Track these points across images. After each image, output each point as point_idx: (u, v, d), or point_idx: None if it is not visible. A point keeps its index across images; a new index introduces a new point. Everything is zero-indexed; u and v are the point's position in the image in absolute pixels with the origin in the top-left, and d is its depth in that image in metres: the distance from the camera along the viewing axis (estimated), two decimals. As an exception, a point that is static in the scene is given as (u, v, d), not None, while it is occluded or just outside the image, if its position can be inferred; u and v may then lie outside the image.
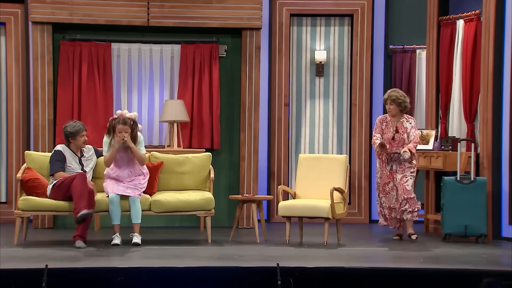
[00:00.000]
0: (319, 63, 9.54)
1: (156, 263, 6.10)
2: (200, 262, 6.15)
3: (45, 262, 5.69)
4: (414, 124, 7.76)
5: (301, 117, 9.62)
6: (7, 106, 9.27)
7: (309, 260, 6.42)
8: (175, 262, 6.15)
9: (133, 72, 9.28)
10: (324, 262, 6.29)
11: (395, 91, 7.82)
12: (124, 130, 7.29)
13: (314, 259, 6.50)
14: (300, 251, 6.93)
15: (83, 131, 7.33)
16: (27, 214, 7.21)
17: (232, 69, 9.39)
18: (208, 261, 6.26)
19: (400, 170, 7.73)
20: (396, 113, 7.75)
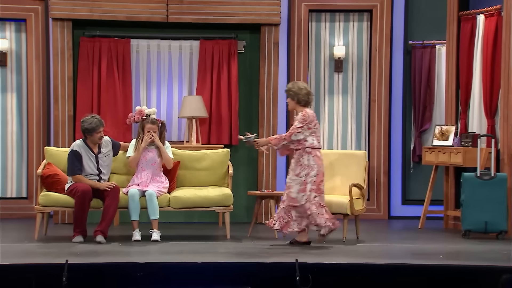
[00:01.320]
0: (338, 59, 9.51)
1: (175, 258, 6.12)
2: (219, 258, 6.16)
3: (66, 257, 5.73)
4: (299, 117, 6.98)
5: (320, 113, 9.59)
6: (27, 102, 9.34)
7: (328, 256, 6.41)
8: (193, 257, 6.17)
9: (152, 68, 9.30)
10: (342, 258, 6.28)
11: (291, 83, 7.22)
12: (153, 129, 7.42)
13: (332, 255, 6.49)
14: (318, 247, 6.92)
15: (100, 128, 7.32)
16: (48, 209, 7.27)
17: (251, 65, 9.38)
18: (226, 257, 6.27)
19: (292, 170, 7.05)
20: (293, 107, 7.10)
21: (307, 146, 6.99)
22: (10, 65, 9.33)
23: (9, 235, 7.75)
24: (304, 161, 6.99)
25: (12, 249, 6.60)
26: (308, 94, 7.12)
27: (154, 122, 7.50)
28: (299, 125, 6.99)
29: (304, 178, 6.97)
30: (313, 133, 7.03)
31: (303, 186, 6.96)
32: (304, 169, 6.98)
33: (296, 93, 7.08)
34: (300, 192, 6.96)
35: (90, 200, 7.12)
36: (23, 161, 9.39)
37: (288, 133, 7.05)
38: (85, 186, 7.09)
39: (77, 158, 7.26)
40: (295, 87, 7.13)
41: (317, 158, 7.02)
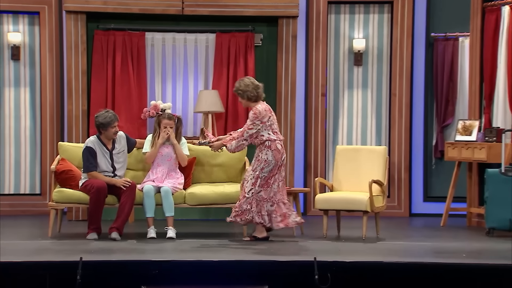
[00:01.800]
0: (358, 52, 9.48)
1: (191, 256, 6.14)
2: (236, 256, 6.17)
3: (80, 254, 5.77)
4: (250, 115, 7.05)
5: (339, 108, 9.57)
6: (41, 97, 9.40)
7: (347, 254, 6.40)
8: (210, 255, 6.19)
9: (167, 61, 9.33)
10: (362, 256, 6.27)
11: (237, 82, 7.23)
12: (169, 125, 7.46)
13: (352, 253, 6.48)
14: (337, 245, 6.92)
15: (114, 122, 7.34)
16: (61, 206, 7.32)
17: (268, 59, 9.38)
18: (243, 254, 6.28)
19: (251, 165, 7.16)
20: (246, 104, 7.21)
21: (265, 139, 7.10)
22: (23, 59, 9.39)
23: (22, 232, 7.81)
24: (263, 155, 7.09)
25: (26, 246, 6.66)
26: (256, 88, 7.19)
27: (171, 118, 7.53)
28: (249, 123, 7.11)
29: (258, 172, 7.06)
30: (268, 127, 7.13)
31: (254, 180, 7.06)
32: (260, 164, 7.07)
33: (244, 91, 7.16)
34: (252, 186, 7.05)
35: (105, 196, 7.16)
36: (36, 156, 9.45)
37: (240, 132, 7.16)
38: (100, 182, 7.13)
39: (92, 155, 7.28)
40: (242, 84, 7.19)
41: (277, 151, 7.09)
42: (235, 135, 7.20)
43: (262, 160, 7.08)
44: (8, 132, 9.37)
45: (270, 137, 7.11)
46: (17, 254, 6.12)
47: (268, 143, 7.10)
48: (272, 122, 7.16)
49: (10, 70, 9.37)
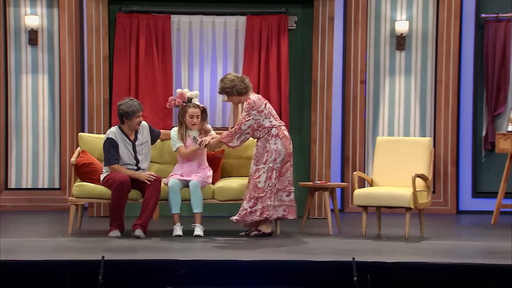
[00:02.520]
0: (400, 35, 9.42)
1: (219, 255, 6.17)
2: (267, 255, 6.19)
3: (102, 253, 5.82)
4: (244, 106, 7.21)
5: (379, 95, 9.53)
6: (60, 84, 9.49)
7: (388, 254, 6.38)
8: (240, 254, 6.20)
9: (194, 46, 9.35)
10: (405, 256, 6.24)
11: (221, 81, 7.34)
12: (196, 114, 7.43)
13: (393, 253, 6.45)
14: (378, 244, 6.90)
15: (139, 112, 7.36)
16: (82, 201, 7.39)
17: (303, 43, 9.35)
18: (276, 254, 6.29)
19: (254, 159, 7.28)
20: (238, 101, 7.33)
21: (270, 128, 7.20)
22: (41, 44, 9.49)
23: (41, 229, 7.91)
24: (272, 145, 7.20)
25: (44, 244, 6.74)
26: (242, 80, 7.31)
27: (196, 106, 7.52)
28: (244, 114, 7.20)
29: (272, 164, 7.16)
30: (268, 116, 7.24)
31: (270, 173, 7.16)
32: (271, 155, 7.17)
33: (232, 86, 7.28)
34: (268, 180, 7.15)
35: (128, 191, 7.20)
36: (55, 148, 9.55)
37: (237, 126, 7.23)
38: (123, 176, 7.17)
39: (113, 147, 7.32)
40: (226, 82, 7.29)
41: (285, 138, 7.26)
42: (231, 130, 7.27)
43: (272, 150, 7.20)
44: (25, 122, 9.48)
45: (273, 123, 7.25)
46: (35, 253, 6.20)
47: (274, 131, 7.22)
48: (271, 109, 7.31)
49: (28, 56, 9.47)
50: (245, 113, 7.22)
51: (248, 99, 7.26)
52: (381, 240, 7.16)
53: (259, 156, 7.26)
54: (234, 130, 7.24)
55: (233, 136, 7.23)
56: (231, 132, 7.27)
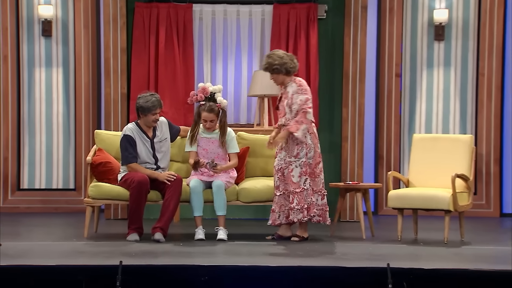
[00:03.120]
0: (439, 25, 9.37)
1: (245, 261, 6.16)
2: (296, 261, 6.18)
3: (119, 258, 5.84)
4: (297, 88, 7.14)
5: (416, 90, 9.48)
6: (75, 78, 9.54)
7: (426, 260, 6.35)
8: (266, 260, 6.20)
9: (217, 37, 9.36)
10: (444, 263, 6.21)
11: (268, 57, 7.22)
12: (210, 118, 7.37)
13: (431, 259, 6.42)
14: (414, 250, 6.87)
15: (156, 109, 7.34)
16: (98, 202, 7.41)
17: (333, 33, 9.33)
18: (305, 259, 6.28)
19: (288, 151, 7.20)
20: (282, 80, 7.22)
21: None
22: (56, 35, 9.54)
23: (55, 232, 7.96)
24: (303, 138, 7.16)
25: (59, 248, 6.78)
26: (292, 58, 7.26)
27: (212, 110, 7.38)
28: (303, 98, 7.10)
29: (305, 159, 7.13)
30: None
31: (304, 168, 7.12)
32: (302, 148, 7.15)
33: (282, 64, 7.18)
34: (302, 175, 7.12)
35: (148, 192, 7.21)
36: (70, 146, 9.60)
37: (300, 115, 7.09)
38: (142, 176, 7.19)
39: (131, 144, 7.34)
40: (275, 58, 7.19)
41: (314, 135, 7.25)
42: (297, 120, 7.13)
43: (303, 144, 7.16)
44: (38, 118, 9.54)
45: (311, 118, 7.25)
46: (49, 257, 6.23)
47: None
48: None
49: (41, 48, 9.53)
50: (303, 98, 7.11)
51: (298, 80, 7.21)
52: (418, 245, 7.13)
53: (288, 149, 7.23)
54: (300, 119, 7.10)
55: (300, 126, 7.10)
56: (297, 121, 7.11)
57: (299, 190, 7.15)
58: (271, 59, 7.20)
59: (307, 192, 7.17)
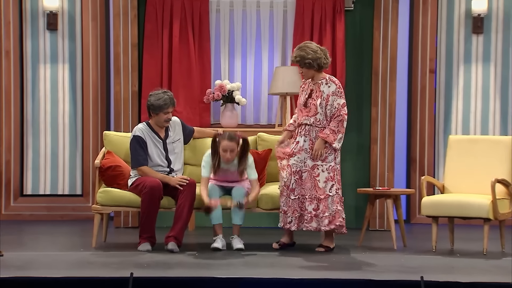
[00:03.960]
0: (478, 16, 9.34)
1: (265, 273, 6.16)
2: (321, 273, 6.17)
3: (130, 269, 5.85)
4: (335, 89, 7.16)
5: (452, 87, 9.45)
6: (82, 76, 9.58)
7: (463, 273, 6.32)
8: (288, 272, 6.19)
9: (235, 31, 9.37)
10: (483, 275, 6.17)
11: (301, 49, 7.18)
12: (230, 148, 7.17)
13: (469, 271, 6.39)
14: (450, 261, 6.84)
15: (169, 108, 7.35)
16: (107, 209, 7.43)
17: (362, 26, 9.32)
18: (330, 271, 6.27)
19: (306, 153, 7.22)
20: (312, 75, 7.22)
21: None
22: (62, 29, 9.58)
23: (60, 241, 7.99)
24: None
25: (65, 258, 6.80)
26: (326, 53, 7.26)
27: (232, 138, 7.18)
28: (340, 102, 7.16)
29: (333, 164, 7.17)
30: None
31: (332, 173, 7.15)
32: (331, 152, 7.19)
33: (315, 58, 7.16)
34: (329, 181, 7.13)
35: (161, 198, 7.22)
36: (77, 149, 9.64)
37: (337, 123, 7.14)
38: (154, 180, 7.19)
39: (141, 146, 7.35)
40: (309, 52, 7.17)
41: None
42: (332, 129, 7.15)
43: (332, 148, 7.17)
44: (43, 118, 9.59)
45: None
46: (54, 268, 6.25)
47: None
48: None
49: (46, 43, 9.58)
50: (340, 100, 7.16)
51: (334, 79, 7.25)
52: (454, 256, 7.10)
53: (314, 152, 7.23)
54: (337, 128, 7.14)
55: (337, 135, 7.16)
56: (333, 130, 7.15)
57: (323, 197, 7.14)
58: (304, 52, 7.19)
59: (332, 199, 7.16)
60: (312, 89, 7.26)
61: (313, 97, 7.24)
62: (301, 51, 7.19)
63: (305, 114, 7.27)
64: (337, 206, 7.17)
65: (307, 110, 7.26)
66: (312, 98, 7.24)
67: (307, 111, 7.26)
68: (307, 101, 7.26)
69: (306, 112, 7.26)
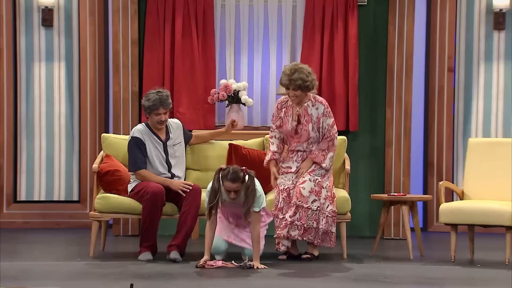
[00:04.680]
0: (499, 11, 9.33)
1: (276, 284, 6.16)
2: (333, 284, 6.16)
3: (130, 280, 5.86)
4: (324, 110, 7.22)
5: (472, 87, 9.44)
6: (79, 75, 9.59)
7: (484, 284, 6.32)
8: (300, 283, 6.20)
9: (242, 27, 9.37)
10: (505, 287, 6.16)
11: (298, 71, 7.14)
12: (233, 189, 6.79)
13: (490, 283, 6.38)
14: (470, 272, 6.83)
15: (159, 108, 7.32)
16: (106, 217, 7.44)
17: (376, 22, 9.32)
18: (343, 282, 6.27)
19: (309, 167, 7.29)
20: (303, 98, 7.23)
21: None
22: (58, 25, 9.60)
23: (56, 250, 8.00)
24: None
25: (61, 268, 6.81)
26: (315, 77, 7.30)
27: (236, 179, 6.73)
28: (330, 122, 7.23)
29: (319, 179, 7.19)
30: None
31: (318, 188, 7.16)
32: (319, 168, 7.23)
33: (312, 80, 7.20)
34: (312, 194, 7.13)
35: (163, 204, 7.23)
36: (74, 152, 9.65)
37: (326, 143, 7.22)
38: (157, 186, 7.20)
39: (139, 148, 7.34)
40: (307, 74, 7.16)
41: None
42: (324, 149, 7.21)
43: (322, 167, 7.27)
44: (38, 120, 9.60)
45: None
46: (50, 279, 6.27)
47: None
48: None
49: (41, 40, 9.60)
50: (330, 121, 7.24)
51: (321, 99, 7.29)
52: (474, 267, 7.09)
53: None
54: (328, 147, 7.22)
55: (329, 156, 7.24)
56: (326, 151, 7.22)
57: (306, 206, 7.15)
58: (304, 74, 7.19)
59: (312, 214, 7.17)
60: (299, 114, 7.25)
61: (302, 122, 7.26)
62: (300, 74, 7.18)
63: (296, 141, 7.31)
64: (313, 223, 7.16)
65: (298, 137, 7.30)
66: (302, 124, 7.26)
67: (298, 137, 7.30)
68: (297, 128, 7.28)
69: (298, 138, 7.30)
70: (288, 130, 7.31)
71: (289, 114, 7.33)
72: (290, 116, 7.31)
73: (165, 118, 7.41)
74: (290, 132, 7.31)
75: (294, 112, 7.29)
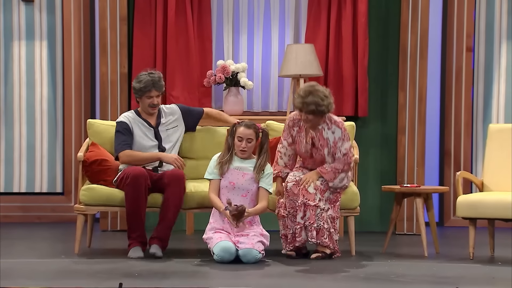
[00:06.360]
0: (522, -14, 9.35)
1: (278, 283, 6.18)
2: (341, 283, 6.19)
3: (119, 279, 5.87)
4: (341, 134, 7.14)
5: (493, 68, 9.45)
6: (63, 55, 9.60)
7: (505, 284, 6.33)
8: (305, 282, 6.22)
9: (241, 4, 9.38)
10: (527, 287, 6.19)
11: (313, 94, 7.01)
12: (246, 136, 7.08)
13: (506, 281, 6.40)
14: (490, 270, 6.85)
15: (151, 91, 7.34)
16: (92, 210, 7.45)
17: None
18: (351, 281, 6.29)
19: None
20: (318, 121, 7.13)
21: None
22: (39, 1, 9.60)
23: (39, 247, 8.02)
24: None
25: (44, 266, 6.83)
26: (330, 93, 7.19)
27: (251, 126, 7.11)
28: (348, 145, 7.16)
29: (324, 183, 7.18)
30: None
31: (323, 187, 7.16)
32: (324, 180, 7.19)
33: (328, 104, 7.09)
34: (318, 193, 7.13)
35: (148, 187, 7.16)
36: (57, 140, 9.67)
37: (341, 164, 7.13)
38: (138, 168, 7.15)
39: (124, 133, 7.32)
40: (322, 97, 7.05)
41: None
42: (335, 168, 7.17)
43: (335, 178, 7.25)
44: (17, 105, 9.61)
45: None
46: (32, 278, 6.28)
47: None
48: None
49: (21, 17, 9.60)
50: (347, 145, 7.16)
51: (340, 121, 7.18)
52: (494, 265, 7.11)
53: None
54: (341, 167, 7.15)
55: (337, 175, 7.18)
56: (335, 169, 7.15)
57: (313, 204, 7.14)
58: (319, 98, 7.05)
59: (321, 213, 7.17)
60: (313, 137, 7.19)
61: (317, 146, 7.19)
62: (314, 97, 7.05)
63: (311, 163, 7.29)
64: (323, 224, 7.16)
65: (313, 160, 7.26)
66: (316, 148, 7.20)
67: (313, 160, 7.26)
68: (312, 151, 7.23)
69: (312, 160, 7.27)
70: (302, 152, 7.27)
71: (302, 135, 7.25)
72: (304, 138, 7.24)
73: (158, 102, 7.41)
74: (303, 154, 7.28)
75: (308, 134, 7.23)
